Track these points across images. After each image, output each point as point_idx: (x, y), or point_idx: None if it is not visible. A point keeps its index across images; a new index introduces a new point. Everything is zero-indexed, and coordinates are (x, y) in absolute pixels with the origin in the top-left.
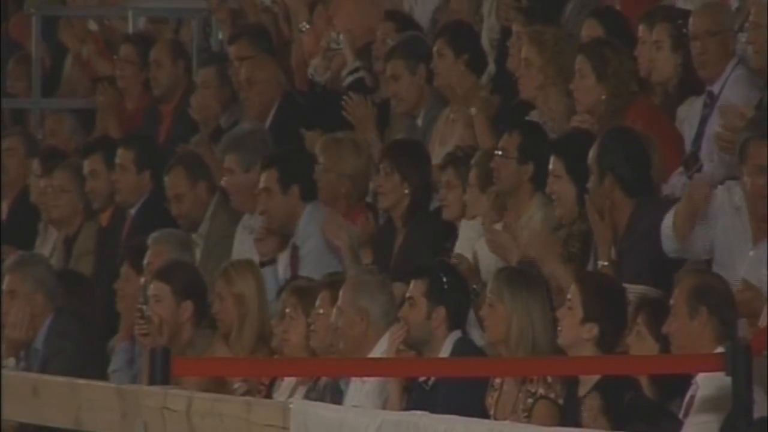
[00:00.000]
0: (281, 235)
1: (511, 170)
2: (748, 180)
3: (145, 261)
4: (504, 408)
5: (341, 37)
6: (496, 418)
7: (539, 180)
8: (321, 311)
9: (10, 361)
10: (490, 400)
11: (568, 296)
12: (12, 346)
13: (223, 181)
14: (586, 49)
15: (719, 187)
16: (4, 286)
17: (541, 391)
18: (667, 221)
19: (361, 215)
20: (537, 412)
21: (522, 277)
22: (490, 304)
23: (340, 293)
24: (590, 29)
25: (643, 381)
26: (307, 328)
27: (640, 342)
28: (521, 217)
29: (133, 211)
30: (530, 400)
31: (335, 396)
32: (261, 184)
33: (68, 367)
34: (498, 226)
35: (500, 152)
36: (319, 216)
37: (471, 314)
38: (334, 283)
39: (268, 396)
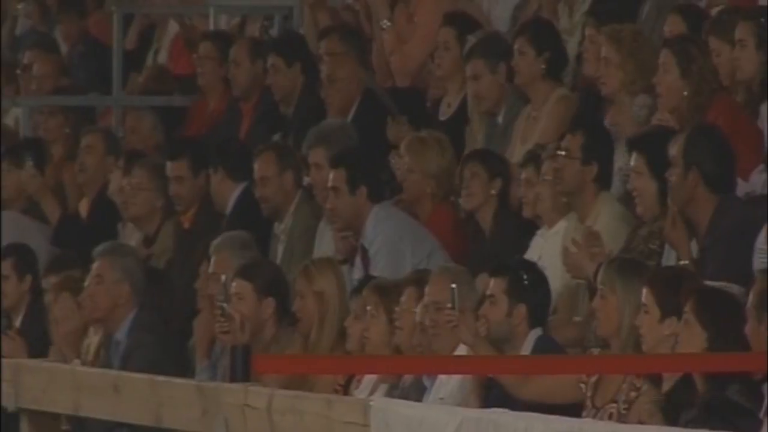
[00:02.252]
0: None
1: (574, 170)
2: None
3: (210, 269)
4: (604, 394)
5: None
6: (593, 402)
7: (604, 180)
8: (406, 307)
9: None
10: (584, 377)
11: (642, 300)
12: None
13: (309, 178)
14: (671, 44)
15: None
16: (92, 271)
17: (646, 387)
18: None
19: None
20: (638, 407)
21: (633, 266)
22: (602, 296)
23: (426, 291)
24: (673, 25)
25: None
26: (390, 326)
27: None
28: (587, 217)
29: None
30: (633, 394)
31: (418, 394)
32: (329, 183)
33: (150, 361)
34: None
35: (563, 152)
36: (385, 216)
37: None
38: (420, 280)
39: (345, 394)
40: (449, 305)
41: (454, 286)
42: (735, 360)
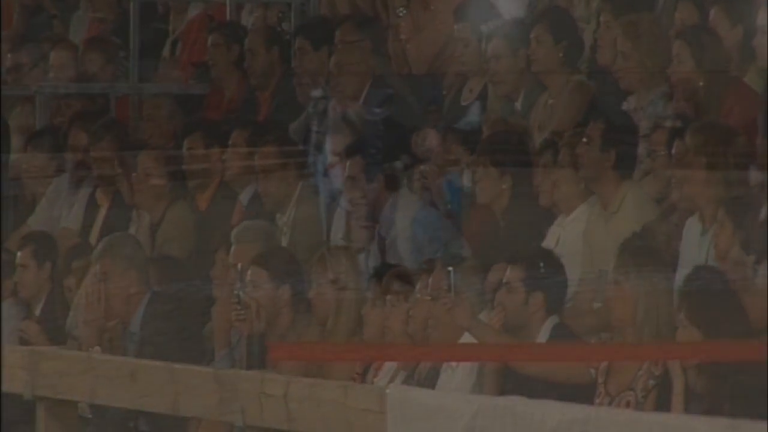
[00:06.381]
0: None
1: (593, 157)
2: None
3: (230, 259)
4: (618, 382)
5: None
6: (606, 390)
7: (625, 167)
8: (419, 296)
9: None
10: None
11: None
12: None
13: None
14: (684, 34)
15: None
16: (96, 272)
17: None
18: None
19: None
20: (655, 395)
21: (647, 252)
22: (617, 283)
23: (429, 281)
24: (684, 12)
25: None
26: (407, 314)
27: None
28: (610, 204)
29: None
30: (651, 382)
31: (435, 383)
32: (346, 172)
33: (165, 350)
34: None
35: (585, 139)
36: (403, 204)
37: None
38: (431, 270)
39: (362, 382)
40: (445, 288)
41: (450, 269)
42: (743, 348)
